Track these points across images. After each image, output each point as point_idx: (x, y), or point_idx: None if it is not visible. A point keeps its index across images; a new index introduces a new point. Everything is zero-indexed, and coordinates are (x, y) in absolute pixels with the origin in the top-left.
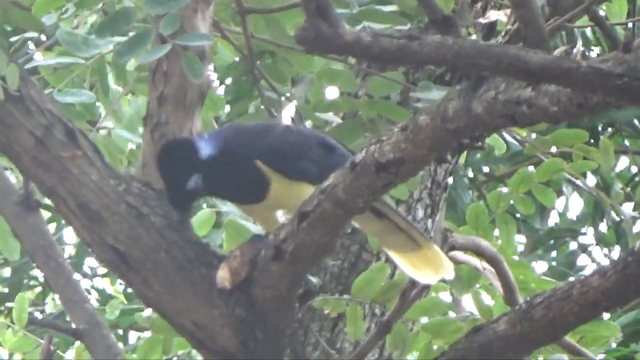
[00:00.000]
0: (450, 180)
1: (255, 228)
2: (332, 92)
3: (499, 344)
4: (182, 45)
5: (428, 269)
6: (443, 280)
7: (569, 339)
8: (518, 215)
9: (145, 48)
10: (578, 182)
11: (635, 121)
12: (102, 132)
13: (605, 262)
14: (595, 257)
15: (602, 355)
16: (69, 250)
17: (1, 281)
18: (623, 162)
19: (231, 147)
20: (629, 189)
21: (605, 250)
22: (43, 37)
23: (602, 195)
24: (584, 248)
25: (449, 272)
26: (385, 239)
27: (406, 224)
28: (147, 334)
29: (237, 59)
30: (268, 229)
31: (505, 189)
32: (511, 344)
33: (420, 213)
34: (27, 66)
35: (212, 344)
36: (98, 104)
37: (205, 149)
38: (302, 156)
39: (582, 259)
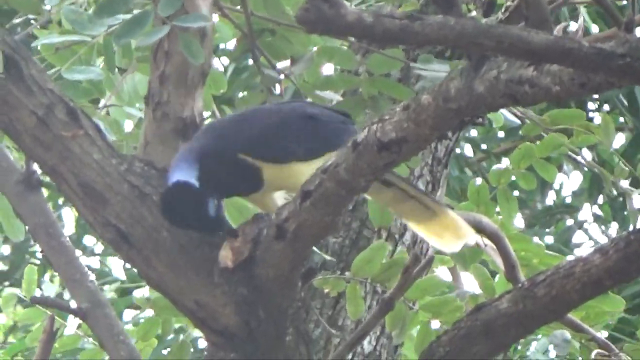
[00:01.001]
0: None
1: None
2: (329, 69)
3: (502, 322)
4: (181, 26)
5: (449, 235)
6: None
7: (571, 315)
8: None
9: (145, 29)
10: (578, 157)
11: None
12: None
13: (603, 239)
14: (592, 234)
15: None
16: (67, 230)
17: (1, 258)
18: (619, 139)
19: (215, 148)
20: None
21: (603, 227)
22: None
23: (604, 171)
24: (580, 224)
25: (470, 237)
26: (399, 208)
27: (415, 191)
28: (145, 313)
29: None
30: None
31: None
32: (514, 322)
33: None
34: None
35: (214, 323)
36: None
37: (192, 175)
38: (284, 138)
39: (579, 237)
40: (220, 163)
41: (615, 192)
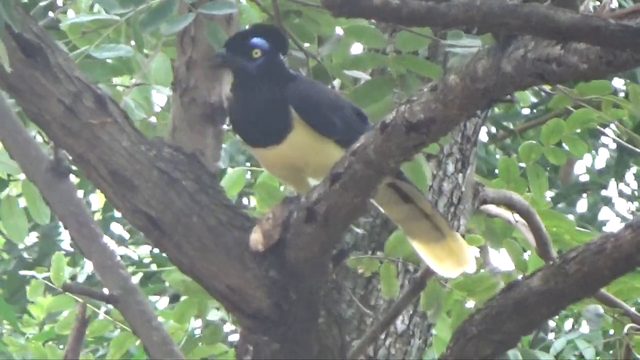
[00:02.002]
0: None
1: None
2: (357, 49)
3: (533, 300)
4: (207, 14)
5: (450, 261)
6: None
7: (604, 290)
8: None
9: (170, 17)
10: (607, 130)
11: None
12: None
13: (629, 217)
14: (618, 211)
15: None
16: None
17: (27, 248)
18: None
19: (269, 82)
20: None
21: (630, 205)
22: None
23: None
24: (606, 200)
25: (471, 265)
26: (410, 226)
27: (432, 210)
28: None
29: None
30: (300, 193)
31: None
32: (545, 299)
33: (450, 168)
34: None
35: (246, 307)
36: None
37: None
38: (333, 112)
39: (605, 214)
40: (263, 93)
41: None
